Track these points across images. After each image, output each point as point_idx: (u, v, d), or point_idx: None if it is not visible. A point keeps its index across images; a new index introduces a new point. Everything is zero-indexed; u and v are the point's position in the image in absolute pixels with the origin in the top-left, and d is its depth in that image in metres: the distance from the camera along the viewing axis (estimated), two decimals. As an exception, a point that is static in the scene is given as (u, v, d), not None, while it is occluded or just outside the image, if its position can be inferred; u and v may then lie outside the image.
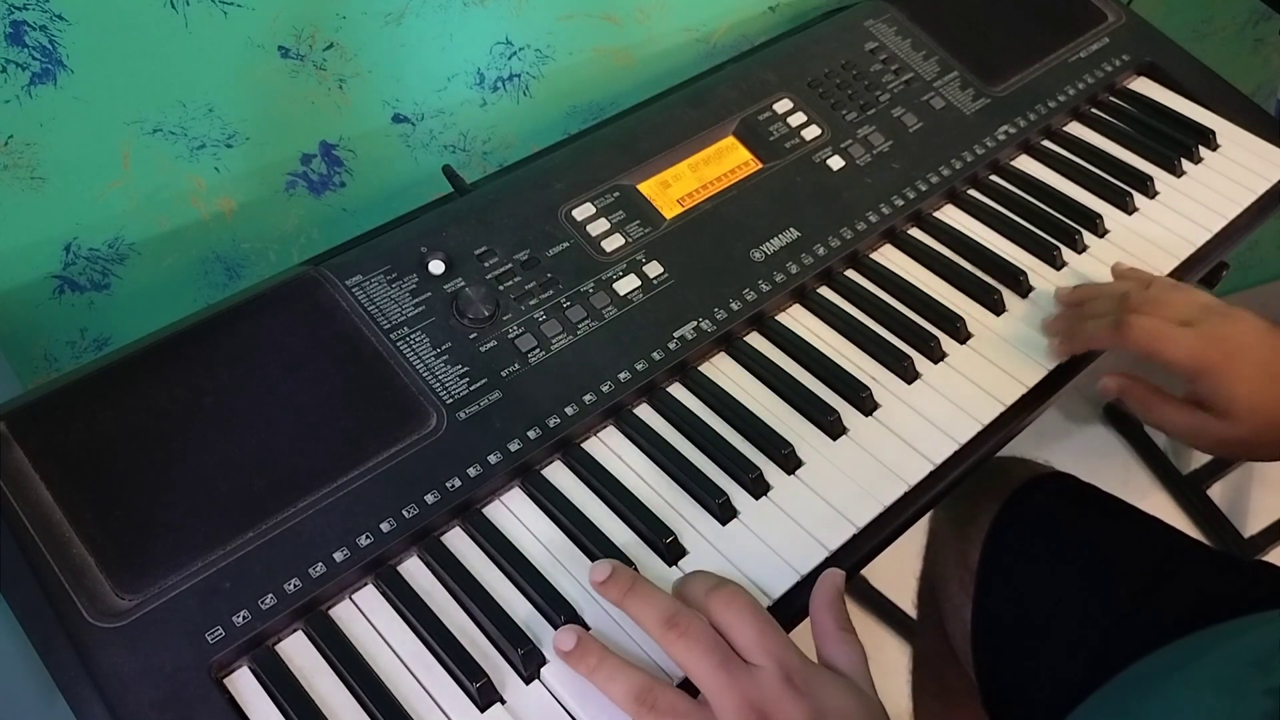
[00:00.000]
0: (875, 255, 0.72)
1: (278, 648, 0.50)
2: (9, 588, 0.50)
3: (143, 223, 0.76)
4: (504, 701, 0.49)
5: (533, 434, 0.58)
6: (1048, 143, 0.83)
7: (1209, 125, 0.84)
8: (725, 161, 0.73)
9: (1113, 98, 0.87)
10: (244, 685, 0.49)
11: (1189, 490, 1.49)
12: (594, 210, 0.68)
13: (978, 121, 0.80)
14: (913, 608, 0.95)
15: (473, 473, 0.56)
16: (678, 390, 0.63)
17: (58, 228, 0.73)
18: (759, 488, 0.58)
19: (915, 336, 0.67)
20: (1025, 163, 0.81)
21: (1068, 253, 0.74)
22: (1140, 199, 0.79)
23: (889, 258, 0.72)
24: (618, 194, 0.69)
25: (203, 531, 0.51)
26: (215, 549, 0.51)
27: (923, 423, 0.62)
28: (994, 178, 0.79)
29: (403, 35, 0.77)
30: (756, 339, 0.66)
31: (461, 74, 0.82)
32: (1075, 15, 0.90)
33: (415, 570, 0.54)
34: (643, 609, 0.49)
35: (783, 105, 0.77)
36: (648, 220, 0.69)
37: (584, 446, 0.59)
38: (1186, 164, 0.81)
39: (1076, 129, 0.84)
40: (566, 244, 0.66)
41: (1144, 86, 0.89)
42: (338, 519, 0.53)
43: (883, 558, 0.59)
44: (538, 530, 0.56)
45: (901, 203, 0.74)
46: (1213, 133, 0.83)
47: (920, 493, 0.59)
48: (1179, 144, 0.82)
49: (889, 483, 0.59)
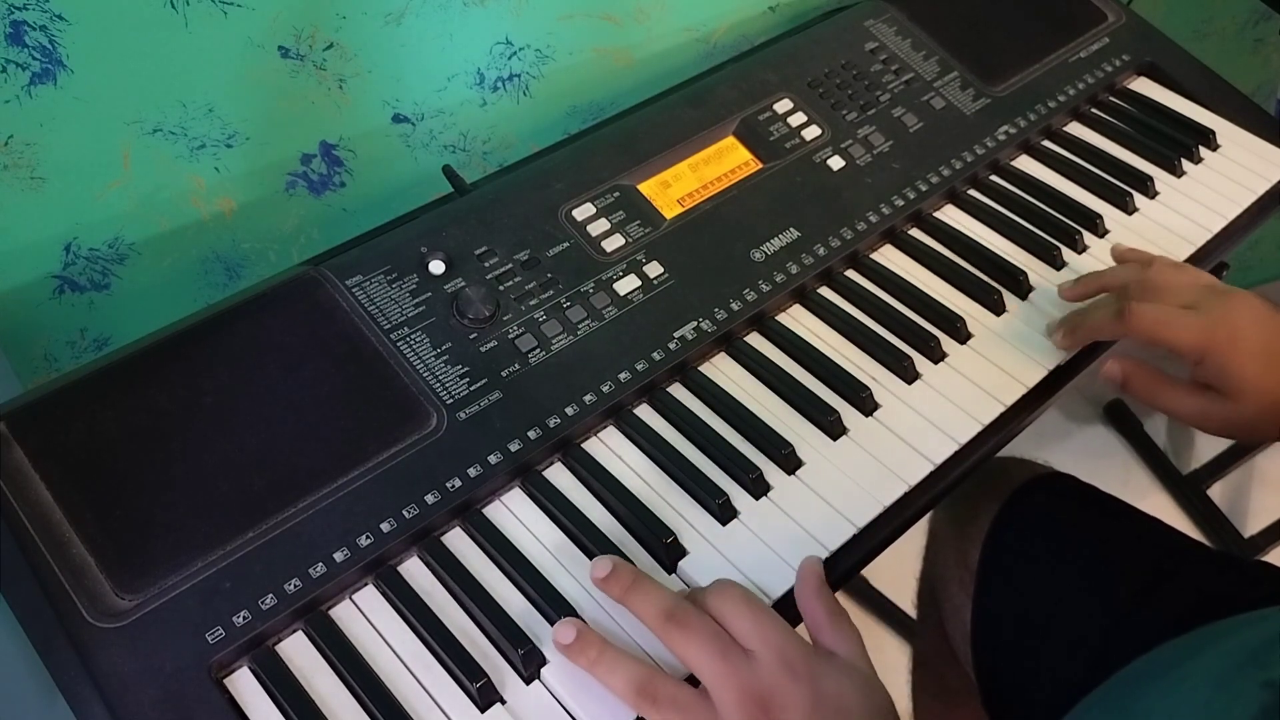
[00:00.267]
0: (875, 255, 0.72)
1: (278, 648, 0.50)
2: (9, 588, 0.50)
3: (143, 223, 0.76)
4: (504, 701, 0.49)
5: (533, 434, 0.58)
6: (1048, 143, 0.83)
7: (1209, 125, 0.84)
8: (725, 161, 0.73)
9: (1113, 98, 0.87)
10: (244, 685, 0.49)
11: (1189, 490, 1.49)
12: (594, 210, 0.68)
13: (978, 121, 0.80)
14: (913, 608, 0.95)
15: (473, 473, 0.56)
16: (678, 390, 0.63)
17: (58, 227, 0.73)
18: (759, 488, 0.58)
19: (915, 336, 0.67)
20: (1025, 163, 0.81)
21: (1068, 253, 0.74)
22: (1140, 199, 0.79)
23: (889, 258, 0.72)
24: (618, 194, 0.69)
25: (203, 531, 0.51)
26: (215, 549, 0.51)
27: (923, 423, 0.62)
28: (994, 178, 0.79)
29: (403, 35, 0.77)
30: (757, 339, 0.66)
31: (461, 74, 0.82)
32: (1075, 15, 0.90)
33: (415, 570, 0.54)
34: (643, 604, 0.49)
35: (783, 105, 0.77)
36: (648, 220, 0.69)
37: (584, 447, 0.59)
38: (1186, 164, 0.81)
39: (1076, 129, 0.84)
40: (567, 244, 0.66)
41: (1144, 86, 0.89)
42: (338, 519, 0.53)
43: (883, 558, 0.59)
44: (538, 530, 0.56)
45: (902, 203, 0.74)
46: (1213, 133, 0.83)
47: (920, 493, 0.59)
48: (1179, 144, 0.82)
49: (889, 483, 0.59)
